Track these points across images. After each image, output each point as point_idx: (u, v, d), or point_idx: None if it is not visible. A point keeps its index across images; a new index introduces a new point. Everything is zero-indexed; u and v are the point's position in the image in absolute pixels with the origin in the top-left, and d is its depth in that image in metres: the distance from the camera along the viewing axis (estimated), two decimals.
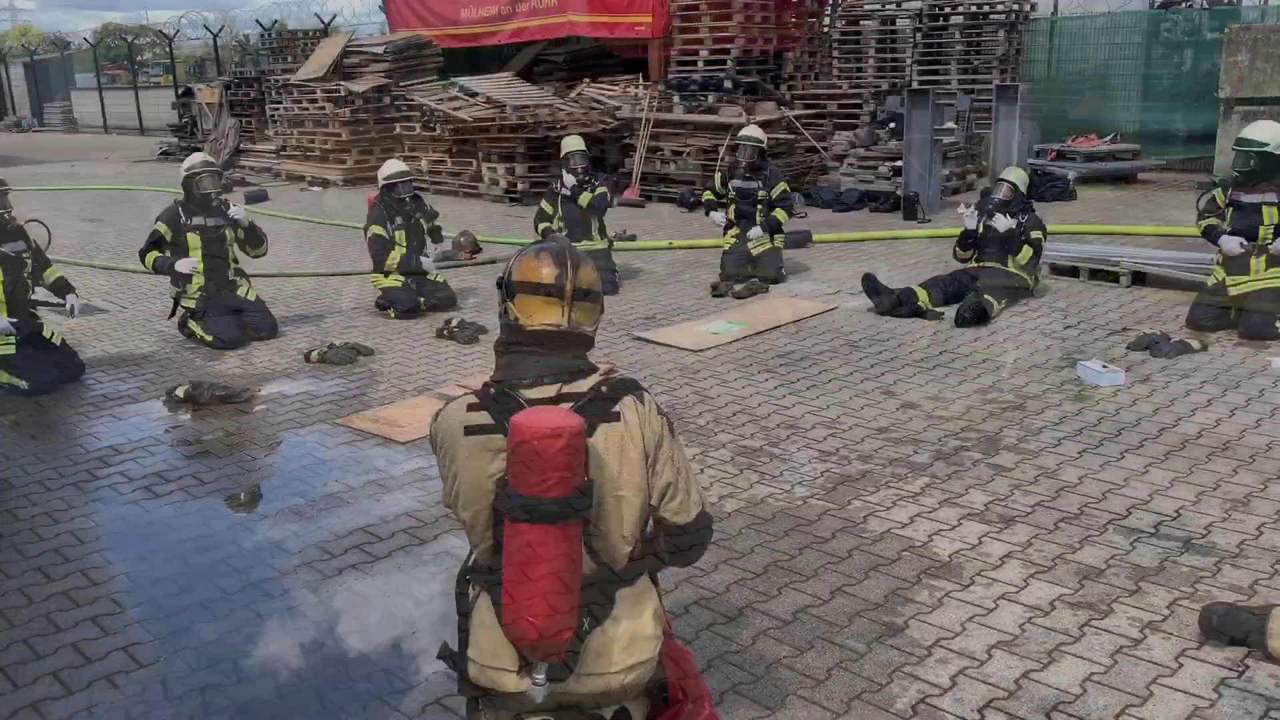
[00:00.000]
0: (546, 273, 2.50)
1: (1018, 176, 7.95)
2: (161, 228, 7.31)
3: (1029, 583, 3.75)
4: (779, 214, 8.97)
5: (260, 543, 4.32)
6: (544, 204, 9.02)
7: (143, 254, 7.38)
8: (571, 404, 2.42)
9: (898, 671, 3.23)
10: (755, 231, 8.84)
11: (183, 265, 7.28)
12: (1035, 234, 7.74)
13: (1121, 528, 4.16)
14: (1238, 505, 4.32)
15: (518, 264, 2.55)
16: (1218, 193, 7.10)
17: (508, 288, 2.54)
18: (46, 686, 3.32)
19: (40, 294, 6.74)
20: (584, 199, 8.83)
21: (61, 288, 6.84)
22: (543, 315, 2.50)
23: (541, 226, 8.99)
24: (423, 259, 8.12)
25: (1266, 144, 6.68)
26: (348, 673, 3.35)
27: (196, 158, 7.54)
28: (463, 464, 2.44)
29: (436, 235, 8.39)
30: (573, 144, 9.11)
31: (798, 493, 4.61)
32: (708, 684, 2.89)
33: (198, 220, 7.34)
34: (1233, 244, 6.83)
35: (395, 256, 8.03)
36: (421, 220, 8.23)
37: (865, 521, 4.31)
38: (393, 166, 8.31)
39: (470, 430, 2.42)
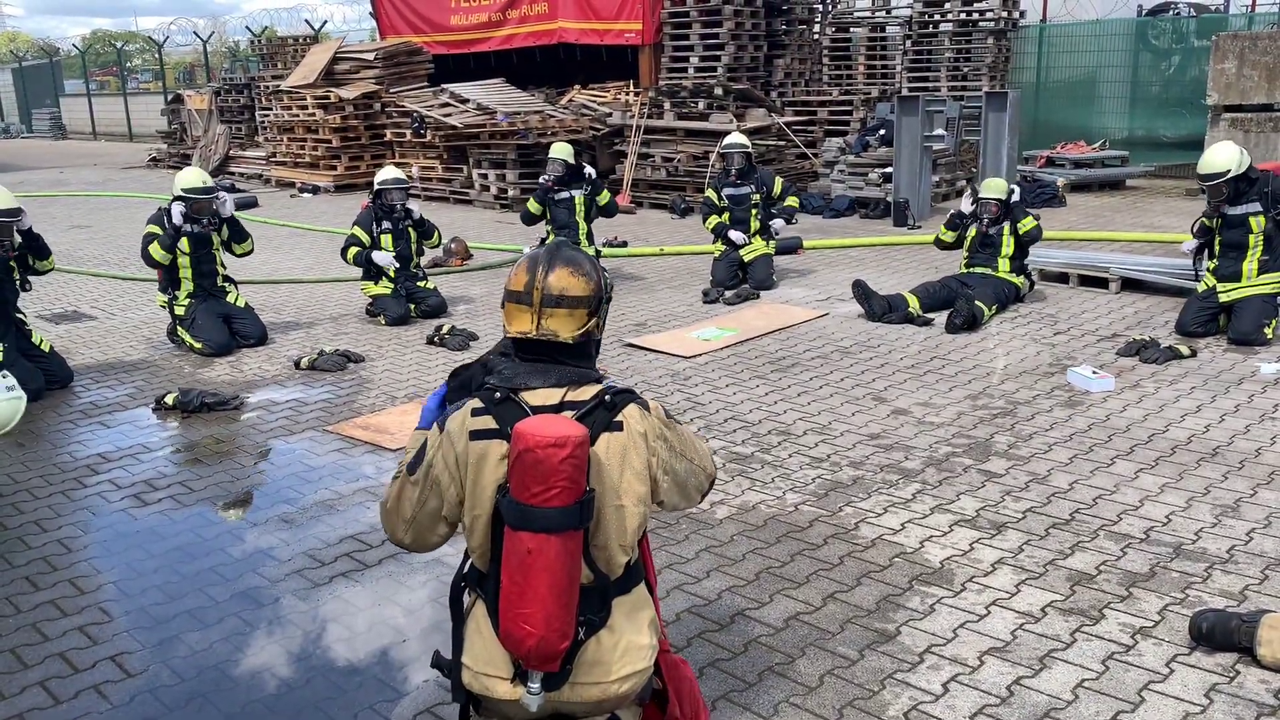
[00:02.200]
0: (518, 279, 2.51)
1: (1000, 190, 7.94)
2: (155, 230, 7.26)
3: (1020, 589, 3.75)
4: (792, 200, 9.19)
5: (250, 551, 4.30)
6: (531, 202, 9.20)
7: (145, 254, 7.33)
8: (574, 412, 2.41)
9: (890, 678, 3.23)
10: (778, 223, 9.04)
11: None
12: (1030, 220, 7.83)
13: (1112, 533, 4.17)
14: (1228, 511, 4.33)
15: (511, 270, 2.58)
16: (1203, 220, 7.15)
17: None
18: (34, 697, 3.30)
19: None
20: (603, 197, 9.03)
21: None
22: (517, 323, 2.50)
23: (544, 233, 9.12)
24: (376, 253, 8.05)
25: (1228, 170, 6.72)
26: (338, 681, 3.34)
27: (194, 180, 7.34)
28: (466, 469, 2.43)
29: (430, 234, 8.37)
30: (557, 151, 9.12)
31: (789, 499, 4.61)
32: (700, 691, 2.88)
33: (186, 227, 7.30)
34: (1188, 245, 7.32)
35: (354, 251, 8.04)
36: (411, 229, 8.20)
37: (857, 528, 4.31)
38: (387, 172, 8.30)
39: (475, 435, 2.41)
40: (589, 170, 9.23)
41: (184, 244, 7.27)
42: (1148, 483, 4.65)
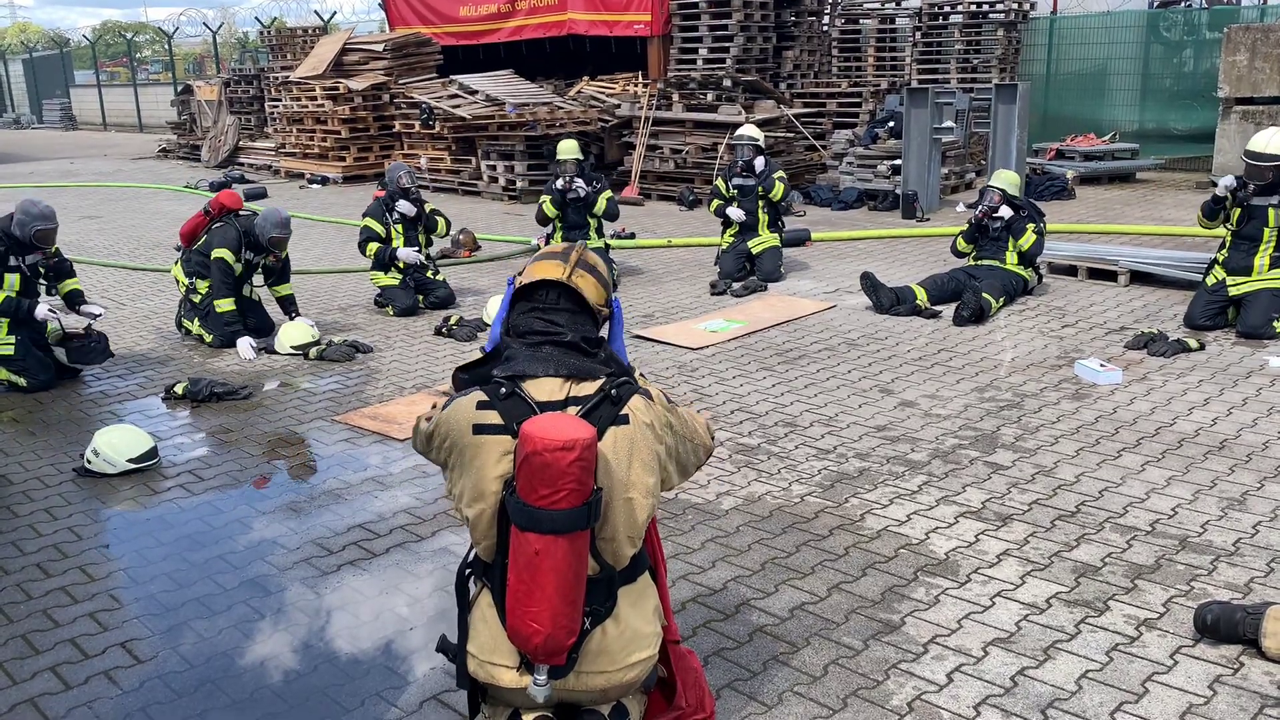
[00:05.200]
0: (553, 249, 2.61)
1: (1006, 181, 7.94)
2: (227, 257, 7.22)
3: (1025, 580, 3.76)
4: (776, 190, 8.85)
5: (258, 539, 4.33)
6: (547, 203, 8.92)
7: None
8: (579, 408, 2.40)
9: (894, 668, 3.24)
10: (735, 213, 8.87)
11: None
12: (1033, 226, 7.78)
13: (1118, 526, 4.17)
14: (1234, 504, 4.33)
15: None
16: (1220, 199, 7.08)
17: (518, 291, 2.58)
18: (45, 682, 3.33)
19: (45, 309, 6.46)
20: (600, 205, 8.83)
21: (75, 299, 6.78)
22: (544, 270, 2.53)
23: (549, 232, 9.08)
24: (401, 251, 8.08)
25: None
26: (346, 668, 3.36)
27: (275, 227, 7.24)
28: (468, 462, 2.43)
29: (434, 227, 8.36)
30: (565, 151, 8.95)
31: (795, 490, 4.62)
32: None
33: (248, 255, 7.32)
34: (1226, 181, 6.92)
35: (374, 248, 8.06)
36: (421, 224, 8.26)
37: (862, 519, 4.32)
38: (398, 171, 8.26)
39: (479, 429, 2.41)
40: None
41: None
42: (1154, 476, 4.65)
